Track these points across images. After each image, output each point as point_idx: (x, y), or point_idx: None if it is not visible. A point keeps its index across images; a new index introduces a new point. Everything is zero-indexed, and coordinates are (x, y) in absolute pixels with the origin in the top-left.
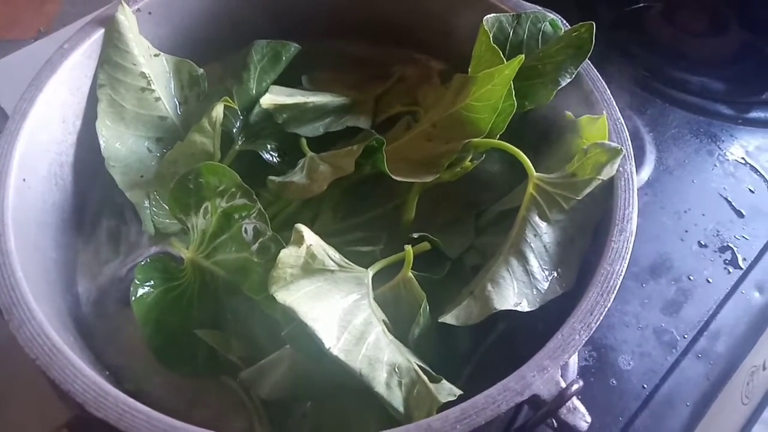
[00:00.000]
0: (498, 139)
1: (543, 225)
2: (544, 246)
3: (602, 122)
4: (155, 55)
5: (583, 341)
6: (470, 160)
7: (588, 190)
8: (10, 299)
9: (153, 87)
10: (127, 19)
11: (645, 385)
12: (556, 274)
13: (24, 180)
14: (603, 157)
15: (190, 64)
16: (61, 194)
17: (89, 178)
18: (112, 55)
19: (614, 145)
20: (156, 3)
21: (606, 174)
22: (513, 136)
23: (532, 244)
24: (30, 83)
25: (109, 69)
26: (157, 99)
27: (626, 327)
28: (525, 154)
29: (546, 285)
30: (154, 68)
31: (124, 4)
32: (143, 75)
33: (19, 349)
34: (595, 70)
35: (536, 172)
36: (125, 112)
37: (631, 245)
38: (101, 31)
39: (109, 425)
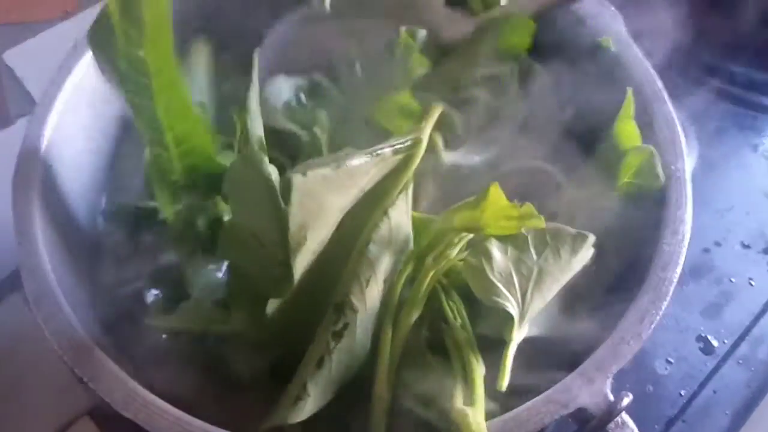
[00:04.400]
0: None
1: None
2: None
3: (627, 100)
4: None
5: (634, 351)
6: None
7: (625, 196)
8: (39, 290)
9: None
10: None
11: (682, 392)
12: None
13: (51, 167)
14: (636, 159)
15: None
16: (87, 181)
17: (115, 165)
18: None
19: (646, 146)
20: None
21: (647, 178)
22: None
23: None
24: (59, 66)
25: None
26: None
27: (664, 330)
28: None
29: None
30: None
31: None
32: None
33: (37, 334)
34: (646, 61)
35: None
36: None
37: (685, 249)
38: None
39: None
